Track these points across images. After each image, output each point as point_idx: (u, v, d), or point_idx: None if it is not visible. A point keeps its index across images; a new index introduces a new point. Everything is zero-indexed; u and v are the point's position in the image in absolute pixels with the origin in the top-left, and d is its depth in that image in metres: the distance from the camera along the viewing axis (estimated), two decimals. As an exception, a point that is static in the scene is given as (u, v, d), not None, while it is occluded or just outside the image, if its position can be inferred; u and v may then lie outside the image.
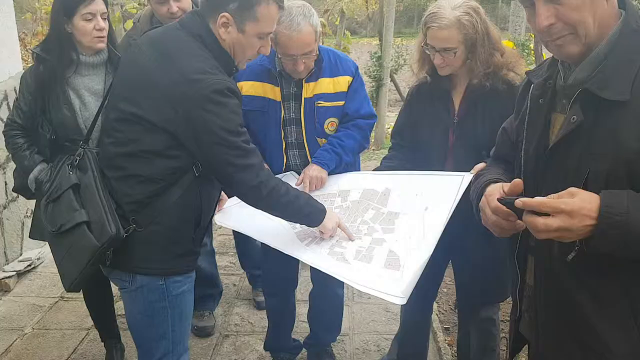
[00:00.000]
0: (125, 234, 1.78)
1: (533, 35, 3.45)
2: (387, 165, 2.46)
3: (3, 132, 2.58)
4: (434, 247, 2.03)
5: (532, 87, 1.47)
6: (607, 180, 1.21)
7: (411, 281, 1.94)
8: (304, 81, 2.37)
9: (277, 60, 2.36)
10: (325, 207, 2.24)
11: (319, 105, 2.41)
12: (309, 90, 2.39)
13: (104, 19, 2.40)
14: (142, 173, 1.78)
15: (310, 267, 2.72)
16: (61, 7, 2.37)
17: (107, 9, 2.42)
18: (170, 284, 1.89)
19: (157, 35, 1.85)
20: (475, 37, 2.11)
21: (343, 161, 2.48)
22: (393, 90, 7.93)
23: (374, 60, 7.25)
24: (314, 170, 2.41)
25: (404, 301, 1.89)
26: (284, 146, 2.47)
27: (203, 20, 1.79)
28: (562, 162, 1.28)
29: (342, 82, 2.43)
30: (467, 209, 2.19)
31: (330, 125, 2.47)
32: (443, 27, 2.09)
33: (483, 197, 1.45)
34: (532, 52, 3.57)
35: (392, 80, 7.90)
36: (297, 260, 2.68)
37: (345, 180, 2.47)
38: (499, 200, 1.31)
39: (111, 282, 2.30)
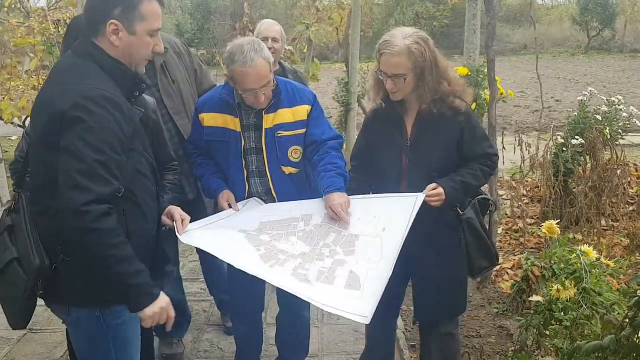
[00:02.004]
0: (54, 264, 1.78)
1: (486, 61, 3.62)
2: (347, 187, 2.56)
3: (11, 168, 2.42)
4: (392, 265, 2.13)
5: None
6: None
7: (374, 300, 2.02)
8: (263, 112, 2.46)
9: (235, 93, 2.45)
10: (286, 232, 2.30)
11: (279, 135, 2.50)
12: (268, 121, 2.48)
13: None
14: (53, 205, 1.72)
15: (277, 290, 2.79)
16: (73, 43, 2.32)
17: None
18: (107, 315, 1.87)
19: (55, 65, 1.93)
20: (423, 65, 2.25)
21: (347, 180, 2.50)
22: (361, 113, 8.08)
23: (342, 86, 7.41)
24: (338, 197, 2.38)
25: (367, 320, 1.98)
26: (245, 174, 2.55)
27: (88, 39, 1.82)
28: None
29: (300, 111, 2.52)
30: (425, 228, 2.32)
31: (294, 152, 2.54)
32: (394, 54, 2.23)
33: None
34: (486, 77, 3.74)
35: (360, 104, 8.06)
36: (263, 285, 2.75)
37: (308, 205, 2.54)
38: None
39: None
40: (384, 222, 2.31)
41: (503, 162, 5.13)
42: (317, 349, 3.35)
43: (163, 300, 1.85)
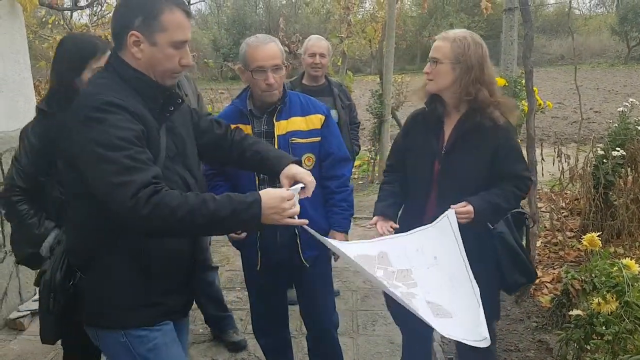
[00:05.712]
0: (70, 282, 1.77)
1: (524, 72, 3.60)
2: (390, 190, 2.57)
3: (1, 198, 2.33)
4: (472, 282, 2.08)
5: None
6: None
7: (480, 319, 1.95)
8: (274, 119, 2.51)
9: (248, 101, 2.54)
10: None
11: (293, 142, 2.53)
12: (281, 128, 2.52)
13: None
14: (74, 220, 1.77)
15: (301, 312, 2.83)
16: (68, 63, 2.24)
17: None
18: (133, 340, 1.78)
19: None
20: (464, 61, 2.27)
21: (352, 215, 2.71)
22: (395, 125, 8.10)
23: (375, 97, 7.44)
24: (339, 237, 2.55)
25: (488, 342, 1.89)
26: (257, 182, 2.52)
27: (114, 53, 1.80)
28: None
29: (314, 120, 2.58)
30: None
31: (307, 160, 2.57)
32: (441, 39, 2.34)
33: None
34: (524, 88, 3.72)
35: (394, 116, 8.08)
36: (286, 300, 2.82)
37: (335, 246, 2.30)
38: None
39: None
40: (431, 250, 2.22)
41: (542, 174, 5.07)
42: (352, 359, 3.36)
43: (264, 195, 1.72)
